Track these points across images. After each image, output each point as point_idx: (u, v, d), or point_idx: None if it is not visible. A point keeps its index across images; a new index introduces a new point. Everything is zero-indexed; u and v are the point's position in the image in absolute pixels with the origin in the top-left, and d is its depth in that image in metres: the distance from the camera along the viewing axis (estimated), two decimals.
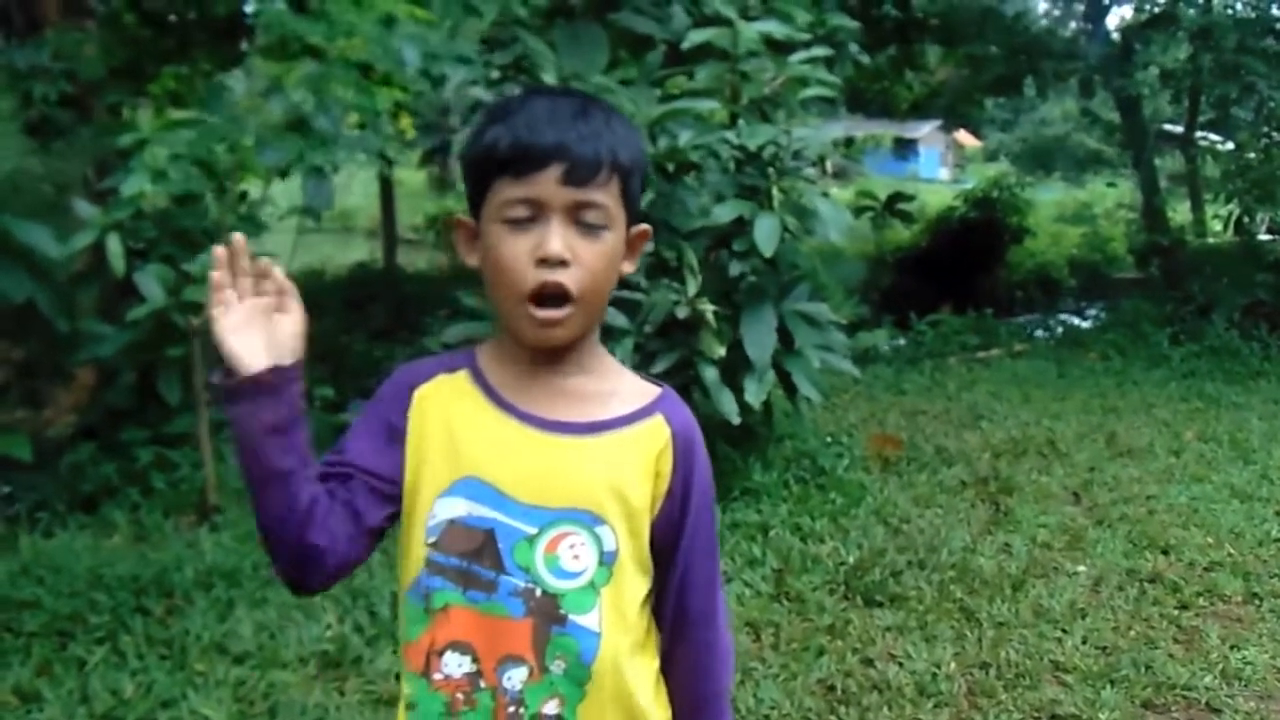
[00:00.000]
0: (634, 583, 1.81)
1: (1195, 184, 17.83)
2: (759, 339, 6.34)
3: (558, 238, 1.68)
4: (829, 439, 7.65)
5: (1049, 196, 25.89)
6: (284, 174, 6.00)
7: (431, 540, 1.76)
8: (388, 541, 4.79)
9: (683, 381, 6.21)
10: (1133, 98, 14.58)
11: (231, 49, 14.11)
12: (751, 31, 6.37)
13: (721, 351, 6.10)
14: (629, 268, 1.84)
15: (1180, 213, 18.88)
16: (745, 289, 6.50)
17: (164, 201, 7.05)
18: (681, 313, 6.02)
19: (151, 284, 6.58)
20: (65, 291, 6.80)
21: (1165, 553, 6.00)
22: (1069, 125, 24.64)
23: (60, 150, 7.62)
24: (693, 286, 6.04)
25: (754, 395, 6.29)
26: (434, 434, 1.81)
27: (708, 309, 6.05)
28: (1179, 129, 17.00)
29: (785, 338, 6.55)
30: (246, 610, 4.89)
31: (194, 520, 6.11)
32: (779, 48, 6.70)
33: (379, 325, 14.00)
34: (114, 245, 6.29)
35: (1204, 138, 17.17)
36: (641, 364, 5.90)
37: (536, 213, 1.69)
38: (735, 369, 6.37)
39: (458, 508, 1.75)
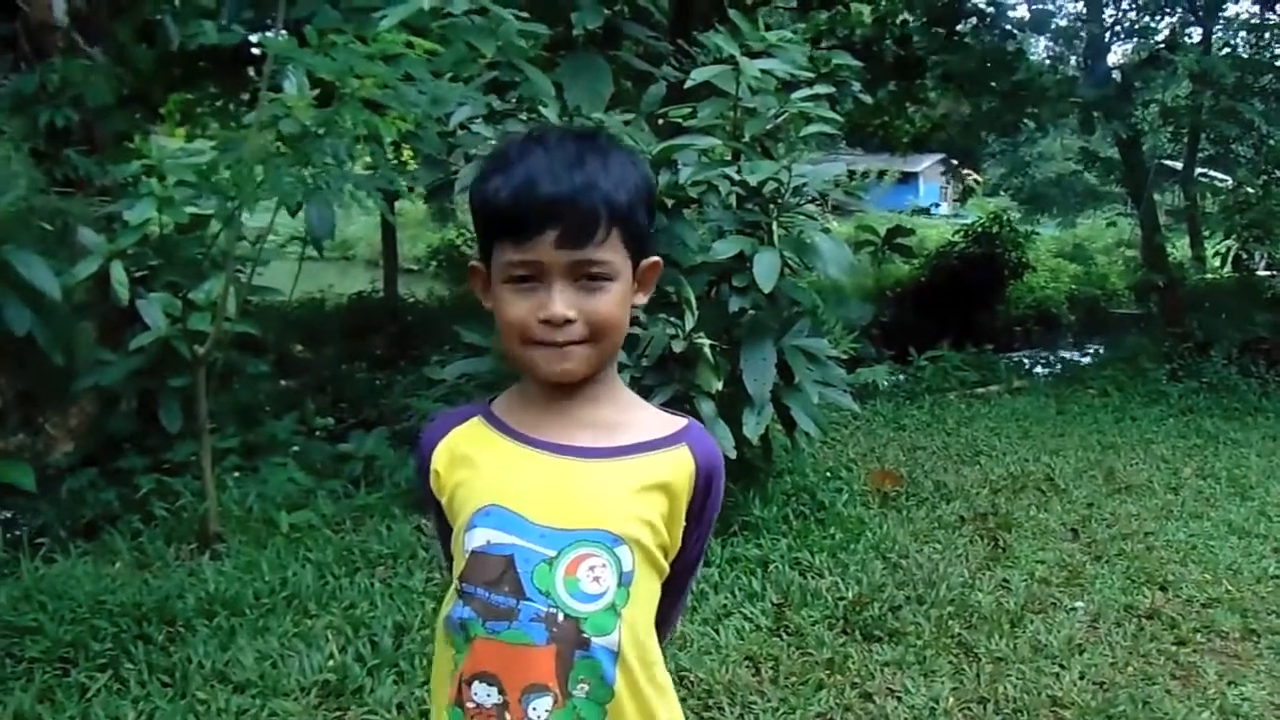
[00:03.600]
0: (650, 592, 1.88)
1: (1194, 220, 17.86)
2: (758, 374, 6.35)
3: (559, 300, 1.74)
4: (828, 474, 7.68)
5: (1048, 232, 25.92)
6: (293, 211, 6.01)
7: (459, 572, 1.83)
8: (387, 574, 4.71)
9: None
10: (1133, 135, 14.59)
11: (238, 76, 14.22)
12: (754, 69, 6.40)
13: (718, 385, 6.11)
14: (642, 299, 1.89)
15: (1180, 249, 18.93)
16: (745, 324, 6.52)
17: (168, 229, 7.09)
18: (678, 347, 6.04)
19: (155, 312, 6.62)
20: (66, 322, 6.80)
21: (1163, 589, 6.03)
22: (1069, 160, 24.64)
23: (67, 179, 7.62)
24: (690, 321, 6.07)
25: (752, 430, 6.30)
26: (456, 479, 1.89)
27: (705, 343, 6.07)
28: (1178, 165, 17.01)
29: (785, 373, 6.56)
30: (248, 639, 4.90)
31: (196, 548, 6.10)
32: (782, 85, 6.73)
33: (380, 355, 14.01)
34: (118, 273, 6.31)
35: (1204, 174, 17.20)
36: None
37: (537, 273, 1.75)
38: (734, 404, 6.39)
39: (479, 538, 1.80)
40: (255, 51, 12.12)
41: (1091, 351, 17.83)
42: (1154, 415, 11.00)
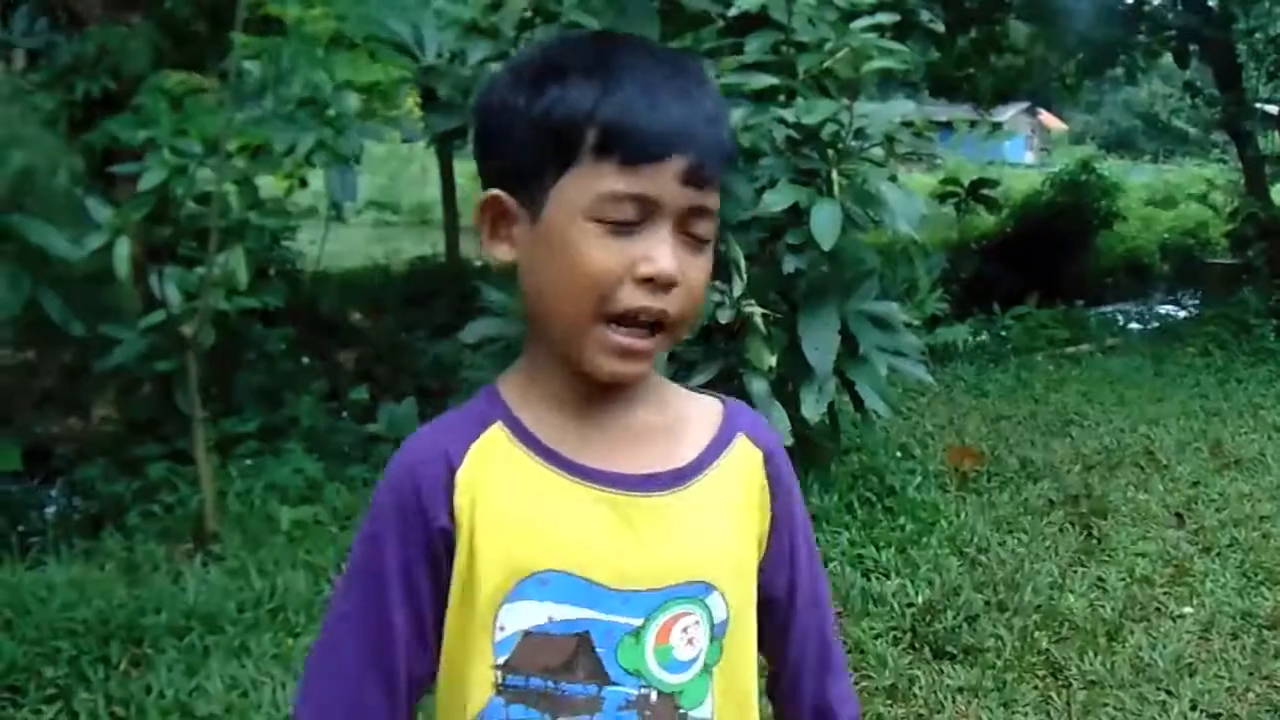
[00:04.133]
0: (747, 636, 1.45)
1: None
2: (819, 344, 5.64)
3: (670, 253, 1.28)
4: (900, 453, 6.97)
5: (1138, 180, 25.17)
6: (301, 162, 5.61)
7: (502, 660, 1.34)
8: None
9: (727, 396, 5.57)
10: (1233, 69, 13.76)
11: None
12: None
13: (771, 361, 5.37)
14: None
15: (1275, 194, 18.09)
16: (803, 288, 5.80)
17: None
18: (724, 316, 5.27)
19: (171, 289, 6.15)
20: (82, 295, 6.46)
21: None
22: (1159, 106, 23.94)
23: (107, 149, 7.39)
24: (739, 286, 5.31)
25: (812, 408, 5.58)
26: (487, 523, 1.34)
27: (756, 312, 5.32)
28: (1275, 110, 16.16)
29: (849, 343, 5.83)
30: (221, 661, 4.37)
31: (191, 548, 5.58)
32: (842, 16, 6.03)
33: (440, 321, 13.59)
34: (121, 249, 5.93)
35: None
36: (677, 376, 5.23)
37: (645, 216, 1.28)
38: (789, 381, 5.69)
39: (534, 614, 1.32)
40: None
41: (1189, 305, 17.03)
42: (1261, 377, 10.11)
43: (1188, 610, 5.02)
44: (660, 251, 1.27)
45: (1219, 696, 4.24)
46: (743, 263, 5.41)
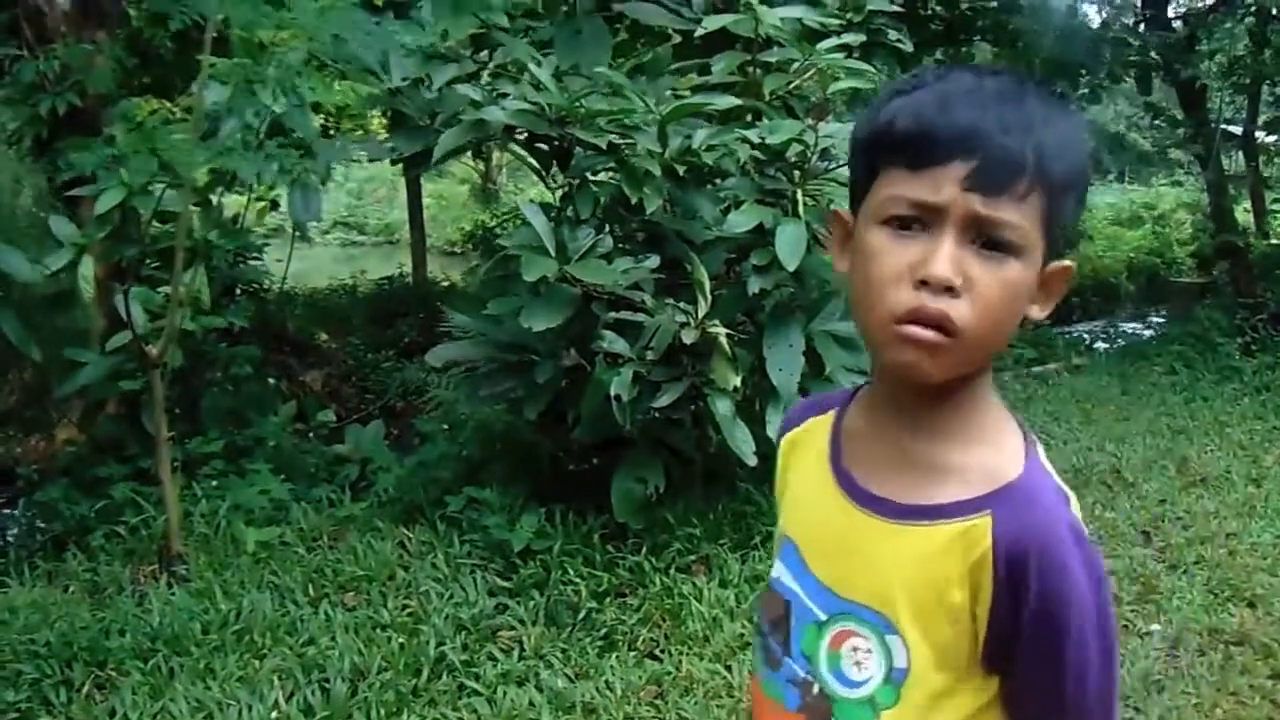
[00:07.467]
0: (940, 706, 1.41)
1: (1257, 185, 17.01)
2: (784, 364, 5.59)
3: (947, 257, 1.28)
4: None
5: (1104, 199, 25.21)
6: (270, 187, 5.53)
7: (757, 595, 1.49)
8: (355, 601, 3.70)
9: (692, 415, 5.53)
10: (1196, 90, 13.78)
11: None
12: (773, 17, 5.68)
13: (736, 381, 5.30)
14: (1038, 313, 1.40)
15: (1240, 214, 18.11)
16: (768, 308, 5.77)
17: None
18: (689, 336, 5.22)
19: (136, 309, 6.13)
20: (44, 315, 6.42)
21: (1251, 605, 5.26)
22: (1122, 125, 24.01)
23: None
24: (703, 306, 5.28)
25: (777, 429, 5.54)
26: (785, 482, 1.65)
27: (720, 332, 5.27)
28: (1238, 130, 16.21)
29: (814, 362, 5.80)
30: (187, 683, 4.32)
31: (155, 570, 5.49)
32: (808, 38, 6.02)
33: (407, 342, 13.50)
34: (85, 268, 6.00)
35: (1266, 138, 16.40)
36: (643, 396, 5.20)
37: (927, 218, 1.30)
38: (757, 399, 5.66)
39: (776, 568, 1.57)
40: None
41: (1154, 324, 17.05)
42: (1227, 395, 10.09)
43: (1155, 627, 5.02)
44: (937, 254, 1.27)
45: (1187, 713, 4.25)
46: (707, 283, 5.38)
